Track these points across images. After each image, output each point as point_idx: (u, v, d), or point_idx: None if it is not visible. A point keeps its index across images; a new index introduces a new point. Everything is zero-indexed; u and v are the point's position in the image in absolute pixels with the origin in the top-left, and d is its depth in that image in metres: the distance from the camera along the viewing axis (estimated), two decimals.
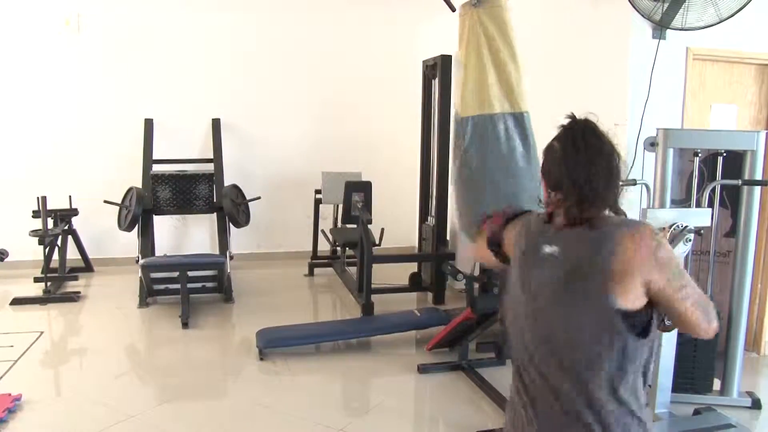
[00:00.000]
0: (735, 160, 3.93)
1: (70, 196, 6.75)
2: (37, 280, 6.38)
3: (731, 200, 4.13)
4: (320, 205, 7.27)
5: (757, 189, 3.96)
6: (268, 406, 3.94)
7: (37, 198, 6.28)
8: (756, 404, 4.03)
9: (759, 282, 4.76)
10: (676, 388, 3.85)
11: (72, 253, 6.90)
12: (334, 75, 7.76)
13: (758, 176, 3.88)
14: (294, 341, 4.83)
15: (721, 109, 4.60)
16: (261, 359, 4.66)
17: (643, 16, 4.08)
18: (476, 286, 4.97)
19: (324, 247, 7.28)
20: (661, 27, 4.11)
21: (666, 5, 4.00)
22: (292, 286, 6.80)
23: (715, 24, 3.94)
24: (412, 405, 4.26)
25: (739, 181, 3.88)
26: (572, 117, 1.68)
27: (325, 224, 7.33)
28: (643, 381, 1.63)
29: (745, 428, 3.68)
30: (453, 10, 3.73)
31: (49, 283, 6.14)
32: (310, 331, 5.04)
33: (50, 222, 6.45)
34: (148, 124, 7.13)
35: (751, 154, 3.84)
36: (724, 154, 3.92)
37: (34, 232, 6.16)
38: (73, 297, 6.06)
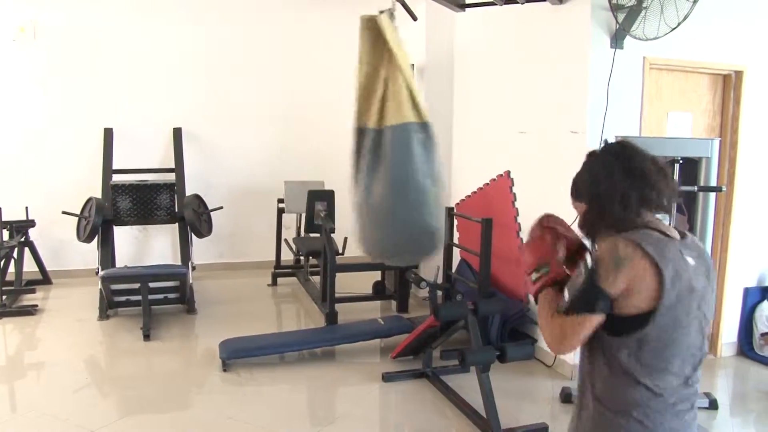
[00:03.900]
0: (691, 167, 4.03)
1: (26, 207, 6.60)
2: None
3: (688, 206, 4.23)
4: (283, 215, 7.24)
5: (712, 195, 4.06)
6: (232, 418, 3.89)
7: None
8: (713, 405, 4.12)
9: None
10: None
11: (29, 265, 6.73)
12: (297, 85, 7.74)
13: (713, 182, 3.99)
14: (258, 351, 4.79)
15: (677, 117, 4.71)
16: (224, 370, 4.61)
17: (617, 22, 4.14)
18: (439, 293, 5.01)
19: (287, 256, 7.25)
20: (624, 34, 4.19)
21: (622, 16, 4.10)
22: (256, 296, 6.75)
23: (667, 34, 4.03)
24: (377, 413, 4.25)
25: (695, 188, 3.98)
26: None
27: (289, 233, 7.30)
28: None
29: (703, 429, 3.76)
30: (415, 19, 3.73)
31: (4, 297, 5.98)
32: (274, 341, 5.00)
33: (6, 234, 6.31)
34: (108, 133, 7.02)
35: (706, 161, 3.95)
36: (681, 161, 4.01)
37: None
38: (30, 310, 5.91)
